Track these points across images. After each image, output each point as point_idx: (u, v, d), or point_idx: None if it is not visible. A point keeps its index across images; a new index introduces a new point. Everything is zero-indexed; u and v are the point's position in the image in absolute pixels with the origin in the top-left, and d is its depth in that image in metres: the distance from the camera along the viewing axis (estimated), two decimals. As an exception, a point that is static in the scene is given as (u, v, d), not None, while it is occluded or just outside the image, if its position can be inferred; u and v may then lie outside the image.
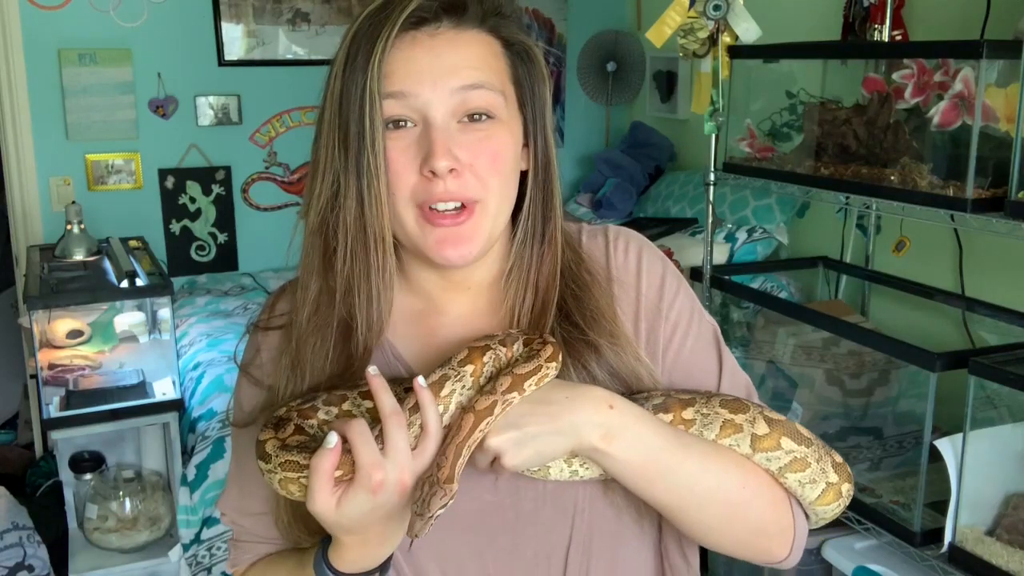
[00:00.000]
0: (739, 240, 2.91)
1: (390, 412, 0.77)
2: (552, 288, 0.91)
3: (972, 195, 1.70)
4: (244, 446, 0.96)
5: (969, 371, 1.68)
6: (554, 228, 0.92)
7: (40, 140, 3.35)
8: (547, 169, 0.91)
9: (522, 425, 0.80)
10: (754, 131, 2.31)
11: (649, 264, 0.96)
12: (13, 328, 3.71)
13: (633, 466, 0.83)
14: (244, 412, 0.96)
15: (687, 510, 0.87)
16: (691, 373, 0.95)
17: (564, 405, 0.82)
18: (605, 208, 3.57)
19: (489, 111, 0.85)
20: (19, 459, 3.45)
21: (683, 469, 0.85)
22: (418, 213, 0.85)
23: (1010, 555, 1.65)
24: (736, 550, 0.93)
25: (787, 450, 0.87)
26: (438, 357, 0.89)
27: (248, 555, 0.99)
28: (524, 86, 0.89)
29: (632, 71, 3.96)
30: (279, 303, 0.97)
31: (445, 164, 0.82)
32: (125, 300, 2.67)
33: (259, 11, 3.57)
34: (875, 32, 2.35)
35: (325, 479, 0.76)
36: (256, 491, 0.96)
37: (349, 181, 0.84)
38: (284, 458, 0.79)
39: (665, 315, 0.95)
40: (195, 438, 2.62)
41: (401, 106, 0.83)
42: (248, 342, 0.98)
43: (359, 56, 0.82)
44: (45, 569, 2.71)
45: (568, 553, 0.90)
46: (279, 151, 3.70)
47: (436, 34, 0.83)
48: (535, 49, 0.89)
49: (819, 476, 0.89)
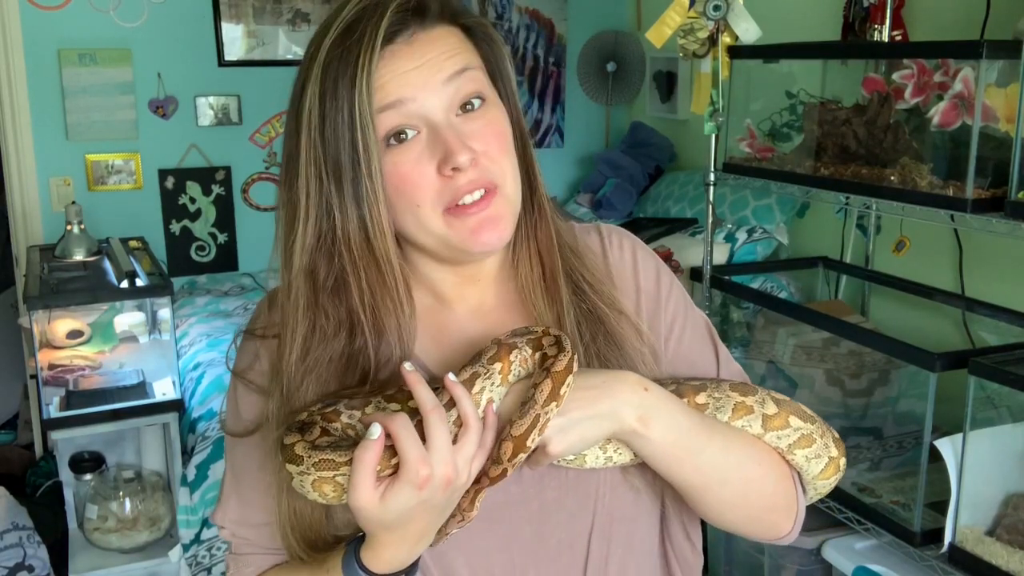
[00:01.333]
0: (739, 240, 2.91)
1: (431, 407, 0.76)
2: (554, 254, 0.93)
3: (972, 195, 1.70)
4: (242, 455, 0.94)
5: (969, 371, 1.68)
6: (541, 196, 0.93)
7: (40, 140, 3.35)
8: (522, 138, 0.92)
9: (565, 411, 0.81)
10: (754, 131, 2.31)
11: (643, 259, 1.00)
12: (13, 328, 3.71)
13: (667, 447, 0.85)
14: (243, 420, 0.93)
15: (711, 488, 0.90)
16: (693, 364, 0.98)
17: (603, 389, 0.83)
18: (605, 208, 3.57)
19: (480, 93, 0.86)
20: (19, 459, 3.45)
21: (709, 448, 0.88)
22: (445, 214, 0.84)
23: (1010, 555, 1.65)
24: (748, 527, 0.97)
25: (795, 428, 0.92)
26: (451, 353, 0.90)
27: (250, 568, 0.96)
28: (491, 62, 0.90)
29: (632, 71, 3.96)
30: (276, 312, 0.94)
31: (467, 158, 0.82)
32: (125, 300, 2.67)
33: (259, 11, 3.57)
34: (875, 32, 2.35)
35: (369, 472, 0.74)
36: (258, 500, 0.94)
37: (347, 211, 0.83)
38: (318, 457, 0.78)
39: (664, 307, 0.98)
40: (195, 438, 2.62)
41: (400, 116, 0.83)
42: (243, 348, 0.96)
43: (339, 84, 0.81)
44: (45, 569, 2.71)
45: (590, 539, 0.92)
46: (279, 151, 3.68)
47: (411, 40, 0.84)
48: (489, 26, 0.91)
49: (823, 451, 0.94)
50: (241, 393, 0.95)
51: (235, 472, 0.97)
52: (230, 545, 0.98)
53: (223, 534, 0.98)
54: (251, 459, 0.94)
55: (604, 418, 0.82)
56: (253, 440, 0.92)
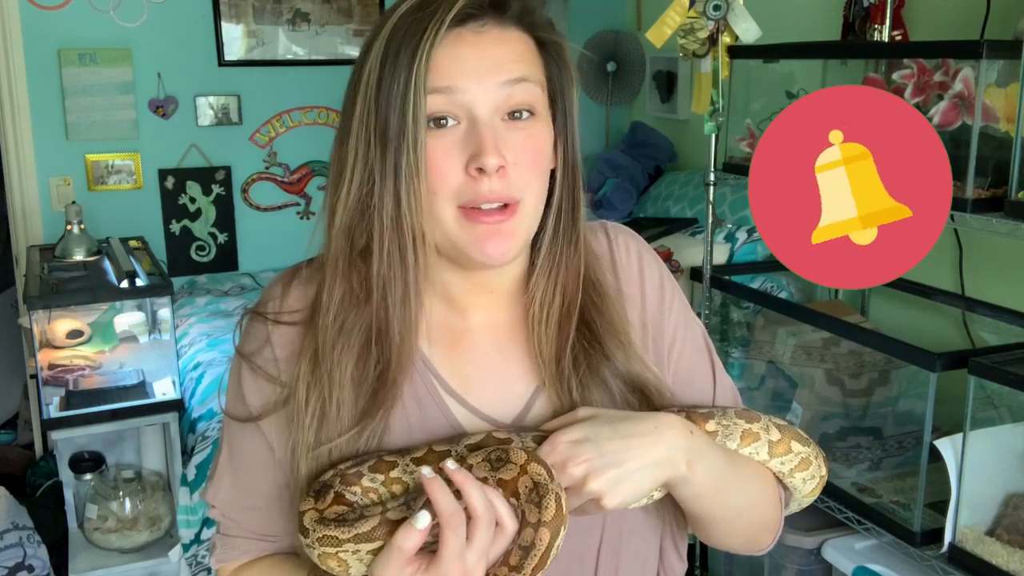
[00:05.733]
0: (739, 240, 2.91)
1: (482, 512, 0.75)
2: (576, 291, 0.92)
3: (972, 195, 1.70)
4: (240, 438, 0.94)
5: (969, 371, 1.68)
6: (580, 229, 0.92)
7: (40, 140, 3.34)
8: (574, 170, 0.91)
9: (621, 462, 0.80)
10: (754, 131, 2.31)
11: (649, 265, 0.98)
12: (13, 328, 3.71)
13: (704, 487, 0.86)
14: (247, 405, 0.92)
15: (727, 519, 0.92)
16: (691, 379, 0.98)
17: (654, 436, 0.82)
18: (605, 208, 3.57)
19: (532, 107, 0.85)
20: (19, 459, 3.45)
21: (735, 484, 0.89)
22: (459, 212, 0.84)
23: (1010, 555, 1.65)
24: (740, 546, 0.98)
25: (795, 452, 0.94)
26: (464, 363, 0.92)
27: (237, 552, 0.95)
28: (555, 85, 0.89)
29: (632, 71, 3.96)
30: (290, 297, 0.93)
31: (495, 161, 0.81)
32: (125, 300, 2.67)
33: (259, 11, 3.57)
34: (875, 32, 2.35)
35: (404, 560, 0.74)
36: (251, 484, 0.93)
37: (386, 179, 0.82)
38: (322, 533, 0.78)
39: (667, 318, 0.97)
40: (195, 438, 2.62)
41: (446, 102, 0.82)
42: (251, 330, 0.94)
43: (401, 52, 0.81)
44: (45, 569, 2.71)
45: (599, 553, 0.92)
46: (279, 151, 3.70)
47: (481, 31, 0.83)
48: (565, 47, 0.89)
49: (816, 472, 0.97)
50: (246, 376, 0.93)
51: (232, 453, 0.95)
52: (218, 525, 0.97)
53: (213, 513, 0.97)
54: (250, 443, 0.93)
55: (659, 466, 0.82)
56: (254, 424, 0.92)
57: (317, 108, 3.71)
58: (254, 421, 0.91)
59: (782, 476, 0.95)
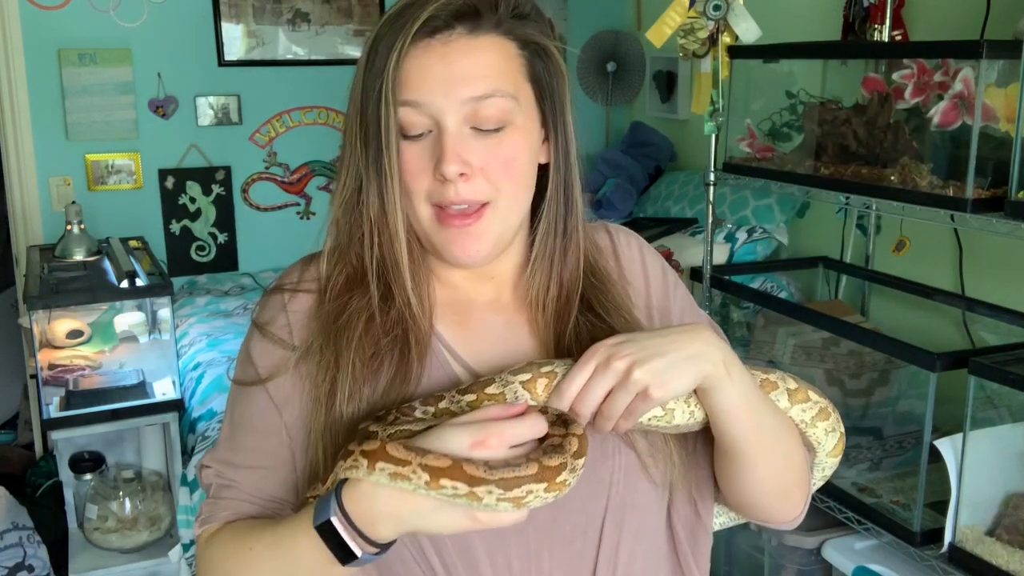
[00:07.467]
0: (739, 240, 2.91)
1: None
2: (576, 281, 0.95)
3: (972, 195, 1.70)
4: (243, 400, 0.94)
5: (969, 371, 1.68)
6: (576, 220, 0.94)
7: (40, 140, 3.35)
8: (567, 162, 0.93)
9: (665, 352, 0.81)
10: (754, 131, 2.31)
11: (650, 259, 1.03)
12: (13, 328, 3.71)
13: (741, 398, 0.86)
14: (255, 367, 0.93)
15: (764, 451, 0.91)
16: None
17: (688, 334, 0.84)
18: (605, 208, 3.57)
19: (500, 120, 0.87)
20: (19, 459, 3.45)
21: (768, 407, 0.90)
22: (433, 211, 0.89)
23: (1010, 555, 1.65)
24: (776, 503, 0.98)
25: (814, 401, 0.95)
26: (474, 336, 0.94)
27: (226, 512, 0.92)
28: (542, 82, 0.91)
29: (632, 71, 3.96)
30: (309, 270, 0.96)
31: (455, 169, 0.85)
32: (125, 300, 2.67)
33: (259, 11, 3.57)
34: (875, 32, 2.35)
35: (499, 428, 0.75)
36: (251, 444, 0.93)
37: (371, 178, 0.89)
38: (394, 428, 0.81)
39: (672, 303, 1.01)
40: (195, 438, 2.62)
41: (416, 114, 0.86)
42: (268, 302, 0.96)
43: (377, 61, 0.86)
44: (45, 569, 2.71)
45: (603, 526, 0.92)
46: (279, 151, 3.70)
47: (449, 41, 0.85)
48: (552, 47, 0.90)
49: (836, 425, 0.97)
50: (256, 341, 0.95)
51: (233, 420, 0.96)
52: (209, 490, 0.95)
53: (206, 475, 0.95)
54: (255, 406, 0.93)
55: (700, 358, 0.82)
56: (255, 390, 0.93)
57: (317, 108, 3.71)
58: (261, 383, 0.92)
59: (804, 427, 0.95)
